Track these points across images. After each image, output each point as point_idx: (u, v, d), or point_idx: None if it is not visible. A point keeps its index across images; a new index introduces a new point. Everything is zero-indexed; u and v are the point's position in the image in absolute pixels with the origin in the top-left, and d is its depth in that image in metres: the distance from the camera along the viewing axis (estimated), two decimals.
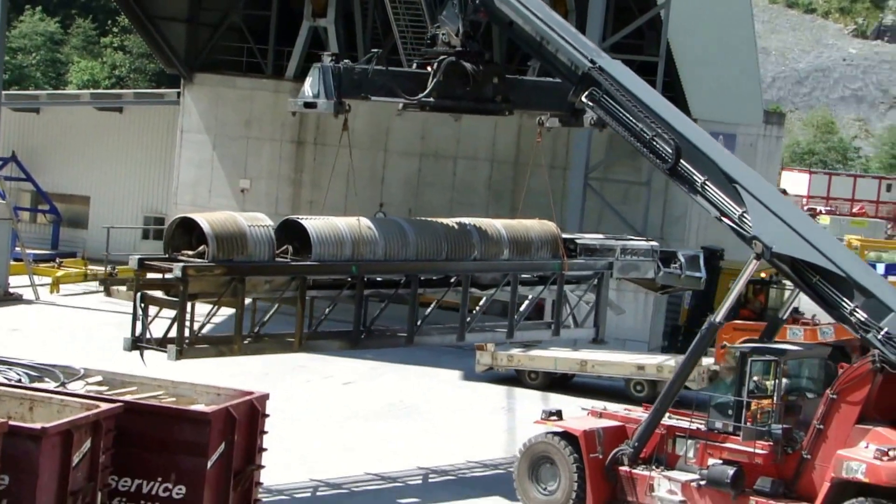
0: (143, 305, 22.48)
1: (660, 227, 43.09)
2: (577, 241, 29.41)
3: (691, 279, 33.24)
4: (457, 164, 51.53)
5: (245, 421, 19.15)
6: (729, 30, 52.89)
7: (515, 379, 37.78)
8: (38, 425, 16.73)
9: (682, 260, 34.17)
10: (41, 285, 48.43)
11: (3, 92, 51.53)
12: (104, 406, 17.88)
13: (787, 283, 50.11)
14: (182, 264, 21.57)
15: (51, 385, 20.25)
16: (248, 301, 23.36)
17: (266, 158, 55.12)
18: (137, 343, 22.34)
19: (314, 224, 23.88)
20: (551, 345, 35.67)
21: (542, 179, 40.14)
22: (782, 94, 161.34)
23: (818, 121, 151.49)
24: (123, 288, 30.45)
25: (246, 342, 23.26)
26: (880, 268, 75.13)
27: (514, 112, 27.84)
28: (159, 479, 18.21)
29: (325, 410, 32.29)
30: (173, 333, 22.17)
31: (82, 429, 17.06)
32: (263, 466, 19.93)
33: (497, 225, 27.27)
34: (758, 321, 40.02)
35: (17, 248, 48.73)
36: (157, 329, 22.21)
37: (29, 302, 46.74)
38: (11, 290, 46.68)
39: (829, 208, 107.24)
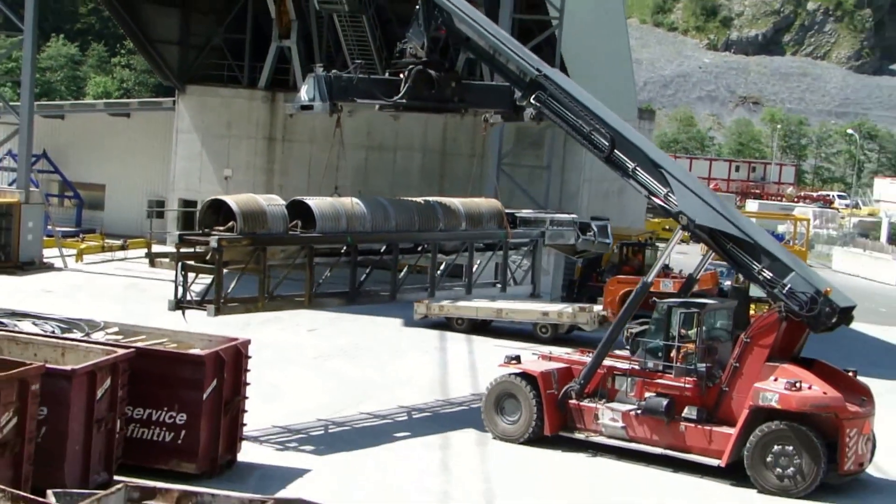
0: (183, 273, 23.43)
1: (558, 203, 44.33)
2: (517, 214, 31.22)
3: (602, 244, 35.23)
4: (396, 155, 53.36)
5: (232, 362, 20.70)
6: (609, 45, 57.51)
7: (445, 324, 39.06)
8: (68, 367, 18.25)
9: (595, 229, 38.17)
10: (68, 256, 50.06)
11: (35, 103, 53.84)
12: (120, 351, 19.40)
13: (659, 244, 52.92)
14: (217, 237, 22.67)
15: (77, 335, 21.65)
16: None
17: (244, 152, 57.12)
18: (180, 304, 23.24)
19: (317, 203, 24.99)
20: (474, 297, 37.07)
21: (464, 165, 42.84)
22: (652, 96, 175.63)
23: (681, 116, 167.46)
24: (166, 259, 31.37)
25: (266, 301, 24.25)
26: None
27: (468, 110, 28.82)
28: (165, 408, 19.81)
29: (296, 352, 32.87)
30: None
31: (104, 370, 18.62)
32: (248, 397, 21.29)
33: (456, 202, 28.64)
34: (636, 275, 42.73)
35: (49, 227, 50.70)
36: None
37: (59, 269, 47.92)
38: (45, 260, 48.36)
39: None
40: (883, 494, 22.78)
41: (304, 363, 32.02)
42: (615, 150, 24.60)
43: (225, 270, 23.48)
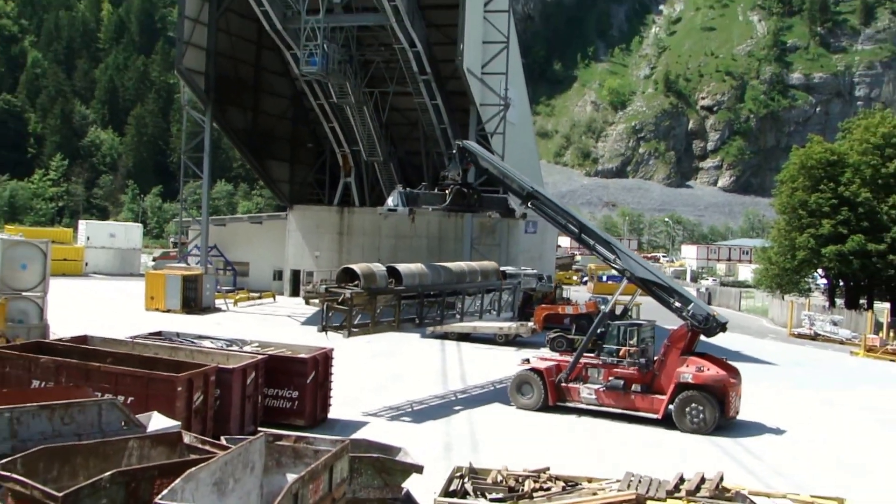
0: (328, 311, 24.93)
1: (506, 264, 46.39)
2: (505, 271, 33.63)
3: (548, 286, 42.69)
4: (412, 240, 57.97)
5: (323, 360, 22.83)
6: (531, 173, 61.46)
7: (444, 336, 42.11)
8: (231, 367, 20.19)
9: (545, 278, 43.35)
10: (229, 302, 55.53)
11: (209, 217, 60.84)
12: (260, 356, 21.46)
13: (565, 286, 55.58)
14: (350, 290, 24.32)
15: (235, 348, 23.71)
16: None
17: (326, 241, 63.10)
18: (324, 328, 24.58)
19: (403, 267, 26.37)
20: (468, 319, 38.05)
21: (451, 245, 48.09)
22: None
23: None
24: (316, 301, 35.61)
25: (374, 327, 25.89)
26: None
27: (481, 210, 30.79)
28: (286, 388, 22.00)
29: (361, 352, 34.61)
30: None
31: (251, 367, 20.57)
32: (333, 381, 23.47)
33: (474, 265, 30.58)
34: (551, 305, 44.91)
35: (218, 287, 55.98)
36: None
37: (224, 311, 52.49)
38: (216, 305, 53.64)
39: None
40: (747, 428, 25.25)
41: (363, 360, 33.87)
42: (582, 234, 26.57)
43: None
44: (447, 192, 27.56)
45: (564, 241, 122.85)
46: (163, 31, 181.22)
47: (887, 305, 60.54)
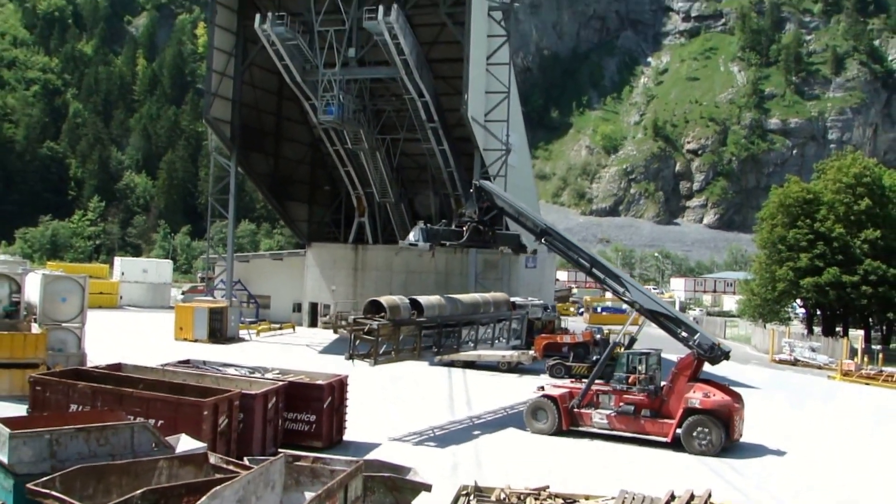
0: (355, 340, 24.65)
1: (509, 296, 46.86)
2: (515, 301, 33.31)
3: (553, 315, 42.73)
4: (421, 275, 57.89)
5: (339, 387, 22.84)
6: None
7: (451, 364, 41.23)
8: (254, 391, 20.24)
9: (550, 307, 43.35)
10: (252, 333, 55.28)
11: (234, 254, 61.25)
12: (280, 383, 21.52)
13: (563, 316, 55.23)
14: (377, 322, 24.06)
15: (257, 374, 23.84)
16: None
17: (342, 276, 63.02)
18: (351, 356, 24.28)
19: (424, 300, 26.18)
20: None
21: (457, 279, 48.20)
22: None
23: None
24: (343, 331, 34.98)
25: (398, 355, 25.64)
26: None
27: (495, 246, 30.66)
28: (304, 412, 21.95)
29: (374, 380, 33.86)
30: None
31: (271, 392, 20.52)
32: (348, 405, 23.39)
33: (487, 296, 30.24)
34: (550, 335, 44.84)
35: (242, 318, 55.85)
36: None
37: (247, 341, 52.19)
38: (240, 336, 53.30)
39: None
40: (751, 450, 25.11)
41: (377, 386, 33.46)
42: (593, 269, 26.14)
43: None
44: (464, 228, 27.38)
45: (562, 275, 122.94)
46: (192, 84, 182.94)
47: (861, 332, 60.49)
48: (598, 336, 43.24)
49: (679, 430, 24.55)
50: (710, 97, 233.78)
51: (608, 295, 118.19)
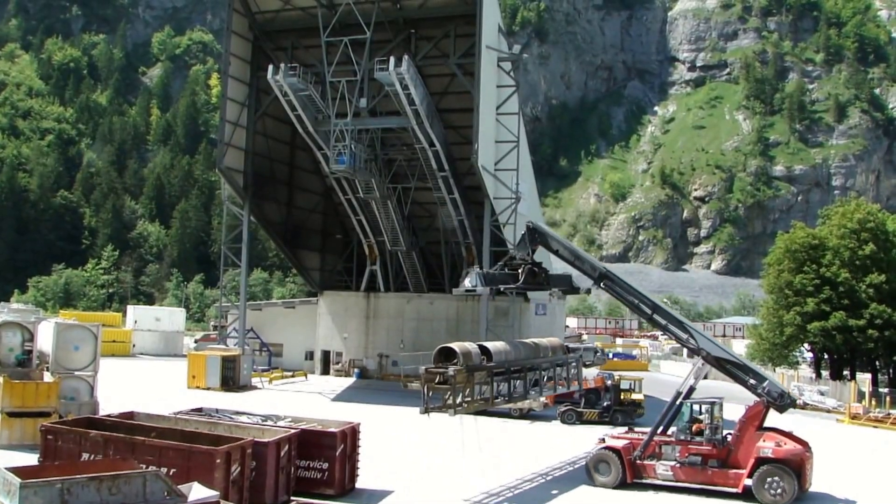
0: (429, 392, 22.81)
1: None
2: (568, 345, 32.77)
3: (602, 359, 42.08)
4: (432, 323, 58.00)
5: (351, 434, 22.74)
6: (536, 258, 61.50)
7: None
8: (266, 440, 20.10)
9: (599, 350, 43.48)
10: (265, 381, 55.35)
11: (246, 303, 60.26)
12: (292, 431, 21.43)
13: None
14: (453, 369, 22.57)
15: (270, 422, 23.68)
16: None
17: (354, 324, 63.04)
18: (427, 409, 22.24)
19: (492, 346, 25.42)
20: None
21: (468, 327, 48.23)
22: None
23: (581, 296, 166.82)
24: (415, 384, 31.64)
25: (473, 403, 24.25)
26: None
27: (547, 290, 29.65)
28: (316, 459, 21.83)
29: (387, 427, 33.90)
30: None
31: (284, 441, 20.44)
32: (360, 452, 23.28)
33: (544, 342, 29.31)
34: None
35: (255, 366, 55.97)
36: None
37: (260, 388, 52.28)
38: (253, 383, 53.31)
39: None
40: (820, 499, 25.01)
41: (390, 433, 33.11)
42: (654, 315, 25.31)
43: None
44: (519, 271, 26.67)
45: (572, 322, 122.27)
46: (205, 134, 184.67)
47: (868, 376, 60.08)
48: (609, 382, 42.67)
49: (749, 480, 24.16)
50: (716, 145, 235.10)
51: (619, 341, 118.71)
